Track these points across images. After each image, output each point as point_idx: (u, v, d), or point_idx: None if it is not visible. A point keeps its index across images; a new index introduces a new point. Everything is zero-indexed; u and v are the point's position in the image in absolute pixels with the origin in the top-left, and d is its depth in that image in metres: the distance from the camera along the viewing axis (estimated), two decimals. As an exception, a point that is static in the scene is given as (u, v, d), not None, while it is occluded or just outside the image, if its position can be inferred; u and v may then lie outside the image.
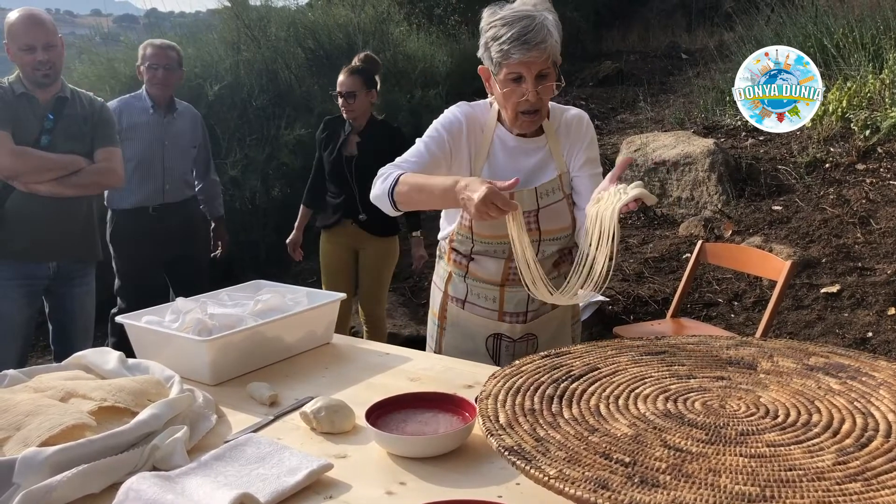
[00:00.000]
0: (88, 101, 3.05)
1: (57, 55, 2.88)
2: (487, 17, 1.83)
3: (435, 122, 1.96)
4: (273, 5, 7.61)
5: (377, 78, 3.65)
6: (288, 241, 3.94)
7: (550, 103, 1.99)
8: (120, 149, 3.12)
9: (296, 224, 3.93)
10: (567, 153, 1.95)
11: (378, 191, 1.87)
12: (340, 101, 3.58)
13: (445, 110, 1.98)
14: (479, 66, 1.89)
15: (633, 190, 1.55)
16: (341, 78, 3.57)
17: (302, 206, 3.92)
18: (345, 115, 3.61)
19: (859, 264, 4.26)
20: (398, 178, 1.81)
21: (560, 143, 1.95)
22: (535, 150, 1.94)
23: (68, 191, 2.91)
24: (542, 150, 1.94)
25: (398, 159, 1.94)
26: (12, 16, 2.86)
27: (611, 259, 1.62)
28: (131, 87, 5.59)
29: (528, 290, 1.69)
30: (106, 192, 3.60)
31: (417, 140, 1.96)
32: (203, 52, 6.20)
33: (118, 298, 3.65)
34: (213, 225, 3.99)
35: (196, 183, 3.86)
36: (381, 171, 1.90)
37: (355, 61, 3.63)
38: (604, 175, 1.99)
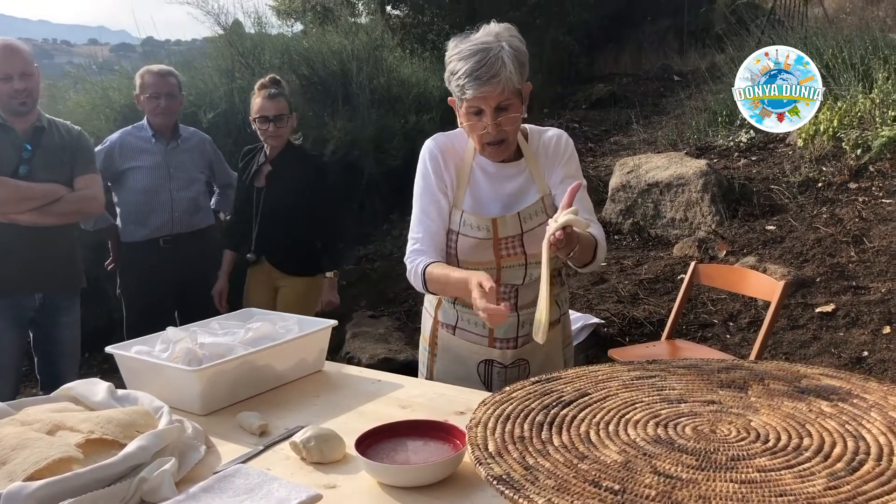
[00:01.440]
0: (66, 129, 3.02)
1: (34, 84, 2.87)
2: (449, 50, 1.83)
3: (417, 171, 1.98)
4: (267, 33, 7.68)
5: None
6: (213, 290, 3.57)
7: (530, 126, 1.99)
8: (100, 175, 3.08)
9: (220, 272, 3.58)
10: (547, 173, 1.95)
11: (412, 279, 1.93)
12: (268, 126, 3.29)
13: (422, 149, 1.98)
14: (449, 98, 1.89)
15: (561, 218, 1.54)
16: (264, 103, 3.29)
17: (225, 252, 3.60)
18: (271, 142, 3.36)
19: (853, 283, 4.26)
20: (425, 271, 1.86)
21: (540, 164, 1.95)
22: (515, 174, 1.94)
23: (50, 219, 2.89)
24: (522, 174, 1.94)
25: (412, 235, 1.95)
26: None
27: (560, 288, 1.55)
28: (126, 116, 5.62)
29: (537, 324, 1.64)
30: (120, 227, 3.55)
31: (414, 205, 1.97)
32: (197, 80, 6.23)
33: (125, 335, 3.49)
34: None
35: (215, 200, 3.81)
36: (407, 257, 1.93)
37: (270, 85, 3.35)
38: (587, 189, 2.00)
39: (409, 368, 3.65)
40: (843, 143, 5.49)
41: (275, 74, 3.52)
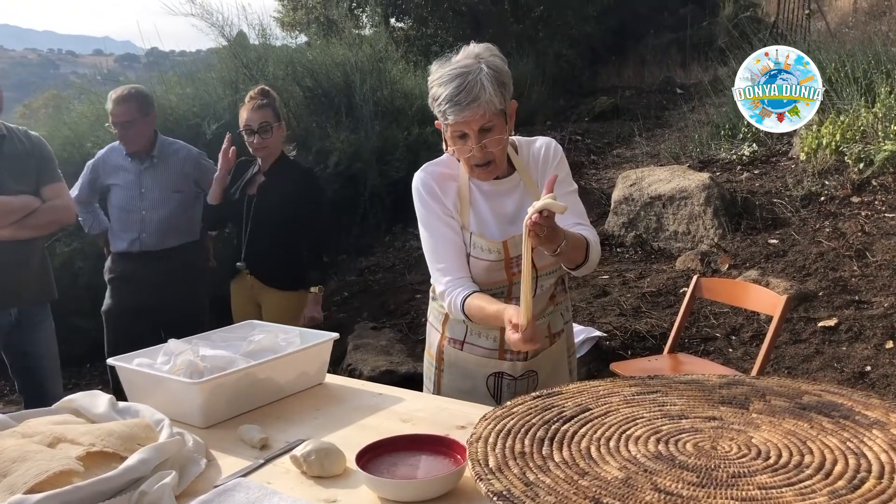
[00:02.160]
0: (25, 136, 2.95)
1: None
2: (431, 74, 1.83)
3: (415, 203, 1.97)
4: (272, 44, 7.71)
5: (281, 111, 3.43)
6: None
7: (518, 138, 2.00)
8: (64, 183, 3.04)
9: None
10: (540, 182, 1.95)
11: (453, 312, 1.91)
12: (254, 137, 3.26)
13: (413, 183, 1.97)
14: (435, 121, 1.88)
15: (538, 202, 1.53)
16: (248, 115, 3.27)
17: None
18: (259, 153, 3.32)
19: (856, 297, 4.25)
20: (464, 302, 1.84)
21: (532, 175, 1.96)
22: (511, 189, 1.95)
23: (27, 233, 2.84)
24: (518, 188, 1.95)
25: (436, 266, 1.92)
26: None
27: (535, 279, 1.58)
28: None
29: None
30: (108, 233, 3.56)
31: (424, 236, 1.95)
32: (202, 92, 6.25)
33: (105, 344, 3.52)
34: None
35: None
36: (438, 287, 1.91)
37: (257, 97, 3.33)
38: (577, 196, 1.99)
39: (411, 380, 3.65)
40: (846, 157, 5.50)
41: (264, 86, 3.48)
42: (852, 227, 4.90)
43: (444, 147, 1.91)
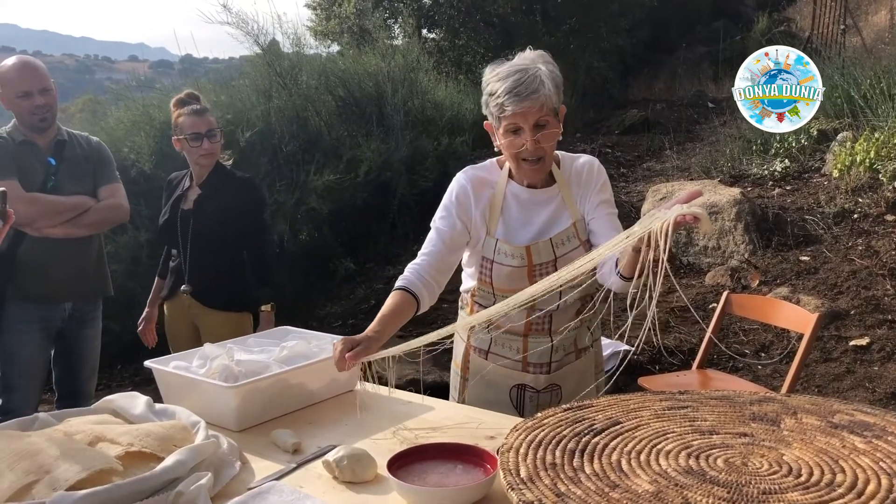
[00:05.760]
0: (86, 140, 3.09)
1: (53, 98, 2.92)
2: (487, 74, 1.88)
3: (444, 196, 2.01)
4: (305, 53, 7.80)
5: None
6: (139, 320, 3.29)
7: (561, 152, 2.01)
8: (121, 184, 3.13)
9: (149, 299, 3.30)
10: (580, 200, 1.97)
11: None
12: (201, 143, 2.98)
13: (453, 179, 2.02)
14: (485, 122, 1.92)
15: (697, 207, 1.51)
16: (191, 120, 2.98)
17: (157, 278, 3.29)
18: (203, 161, 3.03)
19: (889, 317, 4.19)
20: (395, 289, 1.90)
21: (572, 191, 1.97)
22: (547, 200, 1.97)
23: (80, 231, 2.96)
24: (555, 200, 1.97)
25: (421, 251, 1.96)
26: (6, 64, 2.89)
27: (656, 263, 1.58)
28: (165, 133, 5.73)
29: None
30: None
31: (433, 222, 2.00)
32: (235, 100, 6.34)
33: None
34: None
35: None
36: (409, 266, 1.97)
37: (192, 101, 3.07)
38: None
39: (437, 390, 3.66)
40: (881, 175, 5.43)
41: (190, 90, 3.23)
42: (886, 246, 4.84)
43: (495, 147, 1.94)
